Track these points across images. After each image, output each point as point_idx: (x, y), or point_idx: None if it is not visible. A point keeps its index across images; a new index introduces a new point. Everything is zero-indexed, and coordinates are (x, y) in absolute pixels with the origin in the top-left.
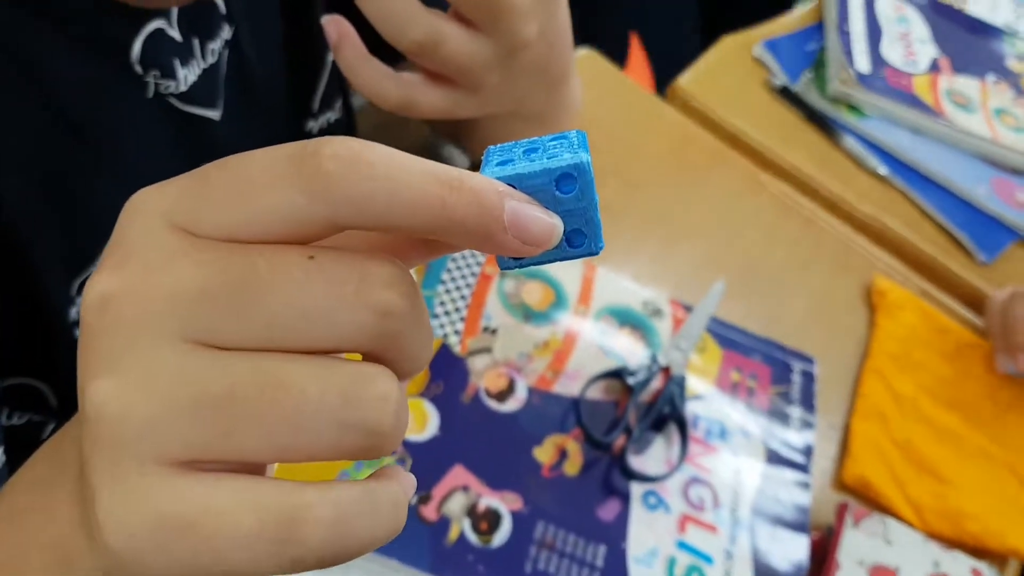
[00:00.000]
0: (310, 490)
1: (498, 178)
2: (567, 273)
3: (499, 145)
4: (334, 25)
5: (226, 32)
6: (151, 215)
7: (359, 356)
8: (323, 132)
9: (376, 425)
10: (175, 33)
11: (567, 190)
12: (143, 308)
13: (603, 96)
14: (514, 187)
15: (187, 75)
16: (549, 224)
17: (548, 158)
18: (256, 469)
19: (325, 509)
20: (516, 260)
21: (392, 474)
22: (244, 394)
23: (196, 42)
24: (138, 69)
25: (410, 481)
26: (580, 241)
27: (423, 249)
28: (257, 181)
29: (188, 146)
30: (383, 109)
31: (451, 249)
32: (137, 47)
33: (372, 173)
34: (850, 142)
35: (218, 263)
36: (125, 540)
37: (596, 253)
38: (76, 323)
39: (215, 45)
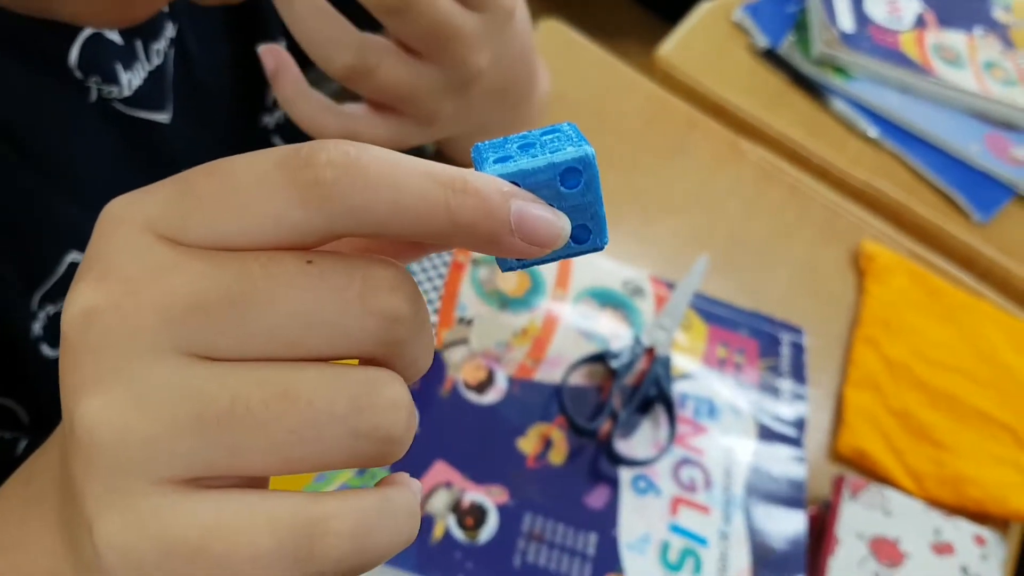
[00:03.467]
0: (328, 501)
1: (499, 175)
2: None
3: (488, 142)
4: (271, 55)
5: (170, 31)
6: (131, 224)
7: (355, 362)
8: (279, 127)
9: (389, 432)
10: (115, 36)
11: (571, 184)
12: (132, 322)
13: (570, 69)
14: (516, 184)
15: (131, 79)
16: (557, 225)
17: (550, 152)
18: (258, 482)
19: (345, 521)
20: (519, 260)
21: (403, 480)
22: (248, 408)
23: (139, 44)
24: (78, 75)
25: (418, 487)
26: (584, 237)
27: (410, 249)
28: (248, 191)
29: (137, 152)
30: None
31: (440, 249)
32: (75, 53)
33: (371, 181)
34: (838, 105)
35: (211, 273)
36: (132, 569)
37: (601, 248)
38: (41, 338)
39: (160, 45)
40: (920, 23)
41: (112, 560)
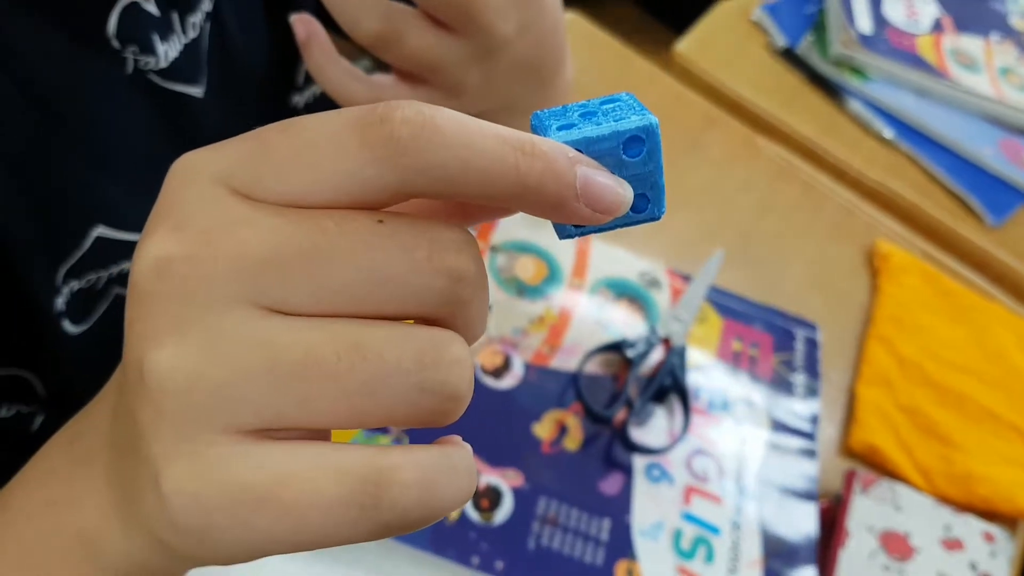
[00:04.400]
0: (394, 453)
1: (564, 142)
2: (561, 246)
3: (548, 110)
4: (303, 24)
5: (207, 4)
6: (204, 178)
7: (411, 322)
8: (309, 106)
9: (454, 389)
10: (152, 7)
11: (633, 154)
12: (207, 272)
13: (590, 62)
14: (580, 151)
15: (167, 51)
16: (620, 193)
17: (614, 120)
18: (320, 436)
19: (411, 472)
20: (578, 228)
21: (458, 441)
22: (320, 360)
23: (175, 16)
24: (115, 44)
25: (470, 448)
26: (643, 206)
27: (469, 214)
28: (322, 148)
29: (169, 126)
30: None
31: (502, 214)
32: (113, 21)
33: (445, 140)
34: (855, 105)
35: (286, 228)
36: (199, 515)
37: (658, 218)
38: (63, 313)
39: (196, 18)
40: (937, 27)
41: (179, 506)
